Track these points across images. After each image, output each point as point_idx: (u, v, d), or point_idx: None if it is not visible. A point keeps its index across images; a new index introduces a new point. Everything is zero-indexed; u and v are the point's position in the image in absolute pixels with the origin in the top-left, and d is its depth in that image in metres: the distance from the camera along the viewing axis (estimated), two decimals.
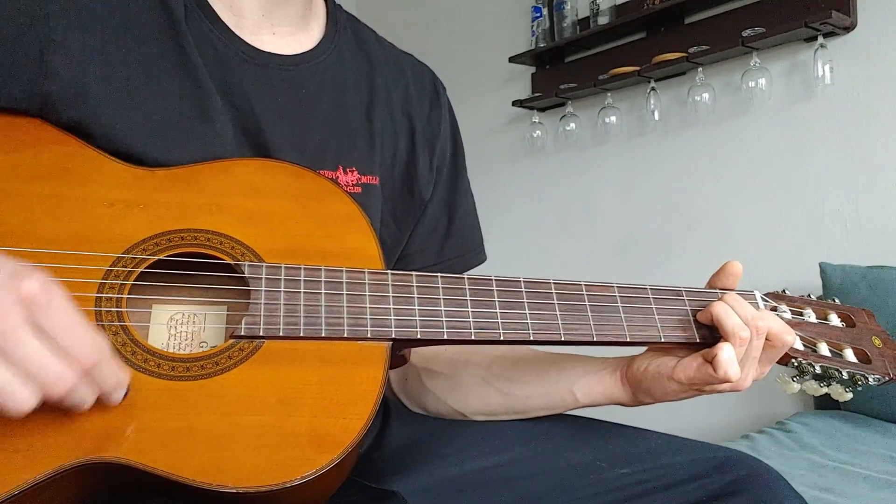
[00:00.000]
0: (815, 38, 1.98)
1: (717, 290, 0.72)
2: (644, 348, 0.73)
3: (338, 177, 0.74)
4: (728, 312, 0.65)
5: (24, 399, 0.45)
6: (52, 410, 0.51)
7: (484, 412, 0.77)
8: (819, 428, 1.66)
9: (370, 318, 0.61)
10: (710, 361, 0.64)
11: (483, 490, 0.68)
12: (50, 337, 0.46)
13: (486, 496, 0.68)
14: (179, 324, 0.64)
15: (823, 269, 1.85)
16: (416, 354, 0.82)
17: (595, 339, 0.66)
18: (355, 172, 0.75)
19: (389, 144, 0.80)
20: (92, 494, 0.54)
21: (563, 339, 0.65)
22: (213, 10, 0.71)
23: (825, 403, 1.86)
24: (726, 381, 0.64)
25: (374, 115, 0.79)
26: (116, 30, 0.66)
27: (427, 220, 0.84)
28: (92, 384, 0.49)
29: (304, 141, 0.73)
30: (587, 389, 0.73)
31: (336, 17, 0.81)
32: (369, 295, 0.62)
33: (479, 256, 0.89)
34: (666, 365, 0.68)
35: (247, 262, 0.61)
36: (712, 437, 2.05)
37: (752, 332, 0.65)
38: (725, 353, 0.64)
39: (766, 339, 0.66)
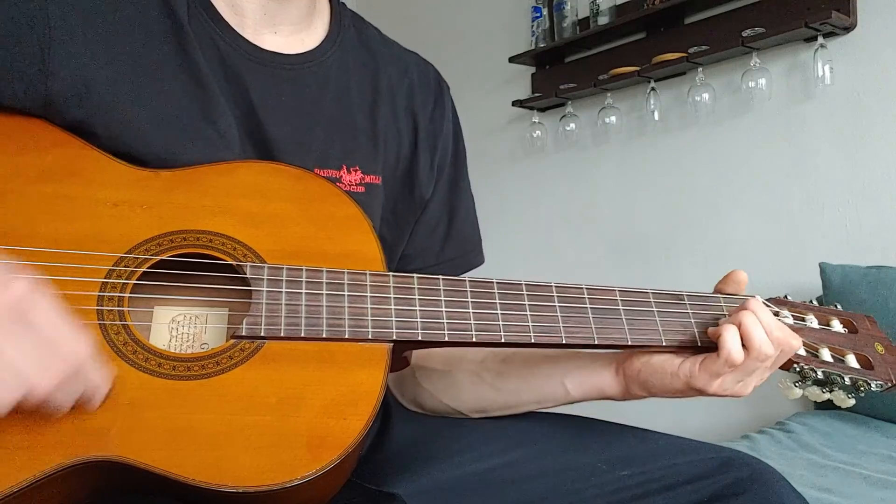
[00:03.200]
0: (815, 39, 1.98)
1: (719, 295, 0.72)
2: None
3: (341, 176, 0.74)
4: (755, 325, 0.65)
5: (2, 396, 0.45)
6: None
7: (477, 408, 0.77)
8: (819, 428, 1.66)
9: (371, 320, 0.61)
10: (716, 341, 0.65)
11: (483, 492, 0.68)
12: (37, 339, 0.47)
13: (486, 498, 0.68)
14: (181, 325, 0.64)
15: (823, 270, 1.85)
16: (412, 352, 0.82)
17: (596, 343, 0.66)
18: (359, 172, 0.75)
19: (393, 143, 0.80)
20: (91, 493, 0.54)
21: (564, 341, 0.66)
22: (216, 10, 0.71)
23: (825, 404, 1.86)
24: (730, 364, 0.64)
25: (378, 113, 0.79)
26: (119, 30, 0.66)
27: (427, 220, 0.84)
28: (73, 385, 0.49)
29: (309, 140, 0.73)
30: (578, 382, 0.73)
31: (340, 15, 0.81)
32: (371, 296, 0.62)
33: (478, 257, 0.89)
34: (671, 361, 0.69)
35: (249, 263, 0.61)
36: (712, 438, 2.06)
37: (773, 347, 0.65)
38: (729, 334, 0.64)
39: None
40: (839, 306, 0.78)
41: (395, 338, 0.61)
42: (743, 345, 0.65)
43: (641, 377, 0.70)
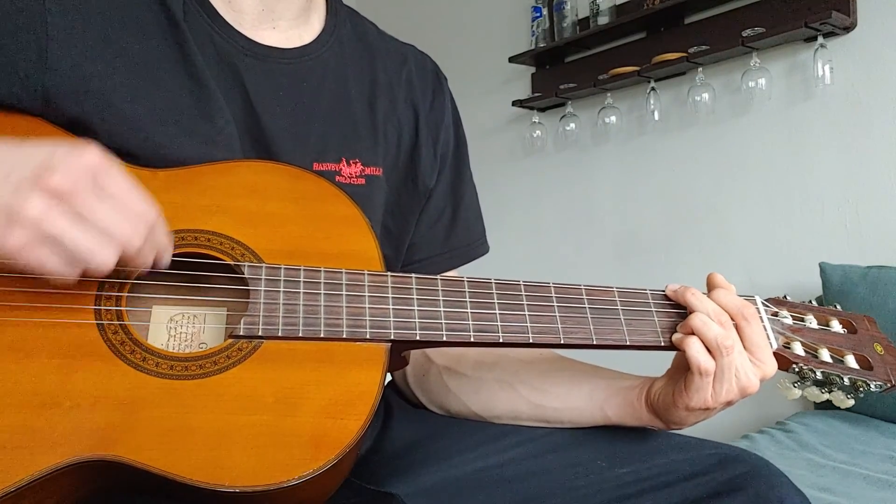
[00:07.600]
0: (815, 38, 1.98)
1: None
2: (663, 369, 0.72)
3: (341, 169, 0.74)
4: (702, 320, 0.66)
5: (105, 257, 0.51)
6: (47, 406, 0.51)
7: (509, 418, 0.76)
8: (819, 428, 1.66)
9: (369, 319, 0.61)
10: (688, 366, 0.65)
11: (482, 491, 0.68)
12: (115, 199, 0.52)
13: (484, 497, 0.67)
14: (179, 325, 0.64)
15: (823, 269, 1.85)
16: (440, 353, 0.81)
17: (594, 343, 0.66)
18: (359, 164, 0.75)
19: (393, 134, 0.80)
20: (89, 493, 0.54)
21: (562, 342, 0.65)
22: (212, 7, 0.71)
23: (825, 404, 1.86)
24: (704, 373, 0.64)
25: (377, 105, 0.79)
26: (116, 27, 0.66)
27: (432, 210, 0.84)
28: (152, 242, 0.55)
29: (307, 134, 0.73)
30: (617, 410, 0.72)
31: (336, 10, 0.81)
32: (368, 296, 0.62)
33: (483, 247, 0.89)
34: (669, 393, 0.68)
35: (246, 263, 0.61)
36: (712, 437, 2.05)
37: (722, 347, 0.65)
38: (687, 344, 0.64)
39: (747, 348, 0.66)
40: (838, 307, 0.77)
41: (392, 338, 0.61)
42: (708, 348, 0.64)
43: (664, 416, 0.70)
